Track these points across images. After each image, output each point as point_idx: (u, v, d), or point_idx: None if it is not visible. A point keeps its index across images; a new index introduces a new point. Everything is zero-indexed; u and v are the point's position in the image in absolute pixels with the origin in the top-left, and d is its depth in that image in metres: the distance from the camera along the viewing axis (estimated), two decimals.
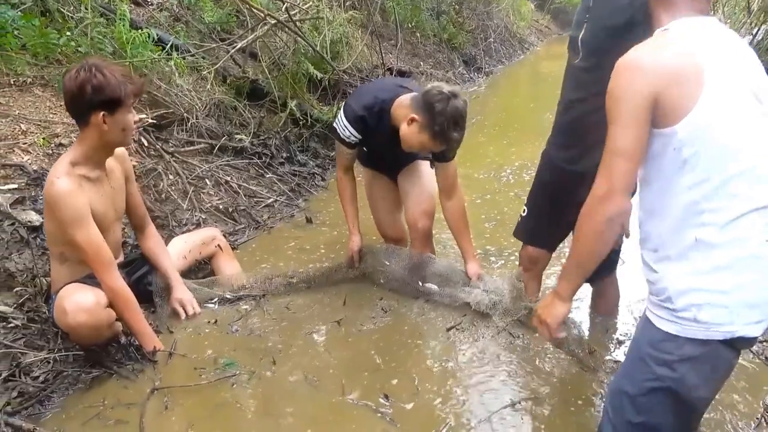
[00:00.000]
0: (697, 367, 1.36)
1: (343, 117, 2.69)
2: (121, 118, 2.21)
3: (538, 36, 14.62)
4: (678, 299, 1.36)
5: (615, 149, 1.37)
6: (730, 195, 1.32)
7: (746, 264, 1.33)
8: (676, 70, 1.30)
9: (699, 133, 1.29)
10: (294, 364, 2.40)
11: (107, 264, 2.25)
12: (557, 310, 1.61)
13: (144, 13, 4.68)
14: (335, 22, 5.15)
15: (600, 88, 2.03)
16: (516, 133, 5.91)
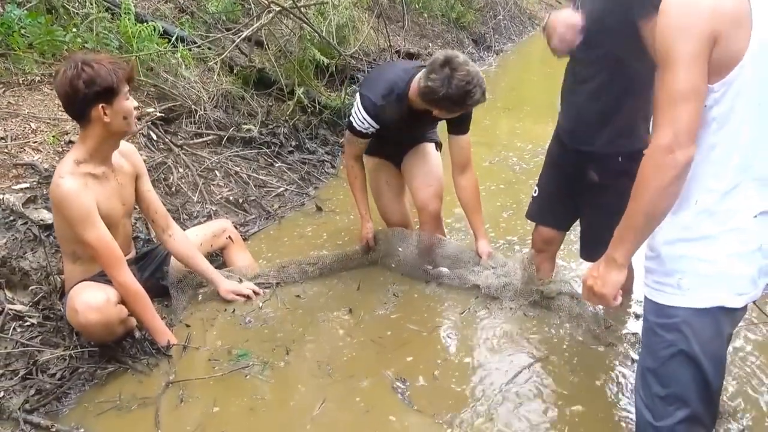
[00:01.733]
0: (700, 326, 1.35)
1: (361, 110, 2.64)
2: (119, 106, 2.19)
3: (548, 11, 14.34)
4: (667, 262, 1.37)
5: (676, 92, 1.23)
6: (739, 164, 1.29)
7: (732, 236, 1.31)
8: (734, 12, 1.21)
9: (732, 95, 1.25)
10: (307, 352, 2.41)
11: (117, 261, 2.26)
12: (614, 278, 1.42)
13: (149, 6, 4.67)
14: (341, 6, 5.10)
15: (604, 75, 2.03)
16: (528, 114, 5.83)
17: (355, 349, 2.44)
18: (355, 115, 2.67)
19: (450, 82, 2.39)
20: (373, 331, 2.54)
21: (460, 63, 2.41)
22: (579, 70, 2.15)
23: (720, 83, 1.24)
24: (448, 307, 2.73)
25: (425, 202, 2.93)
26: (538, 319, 2.58)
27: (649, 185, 1.29)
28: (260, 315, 2.65)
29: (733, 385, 2.17)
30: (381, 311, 2.69)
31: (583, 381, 2.24)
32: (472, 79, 2.41)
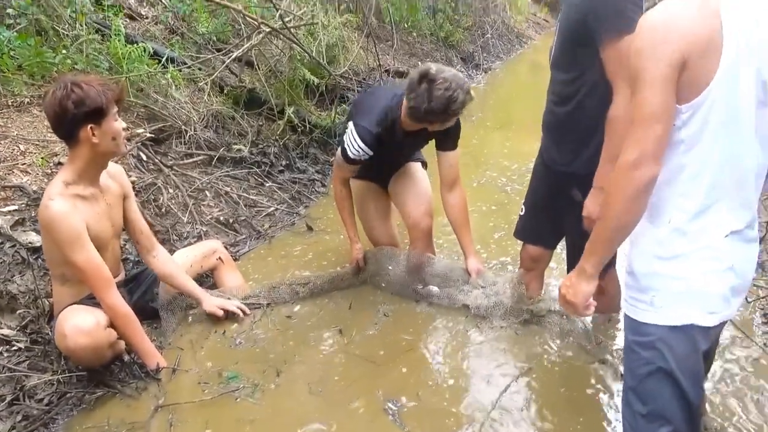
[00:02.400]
0: (675, 343, 1.38)
1: (357, 139, 2.62)
2: (108, 126, 2.19)
3: (535, 29, 14.57)
4: (642, 279, 1.41)
5: (644, 113, 1.28)
6: (709, 184, 1.32)
7: (704, 255, 1.35)
8: (705, 41, 1.24)
9: (701, 118, 1.28)
10: (298, 374, 2.39)
11: (106, 283, 2.25)
12: (583, 288, 1.50)
13: (139, 27, 4.70)
14: (330, 26, 5.16)
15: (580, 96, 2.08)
16: (516, 132, 5.87)
17: (346, 369, 2.43)
18: (350, 143, 2.65)
19: (431, 95, 2.40)
20: (364, 352, 2.53)
21: (435, 73, 2.42)
22: (557, 92, 2.20)
23: (688, 105, 1.28)
24: (438, 326, 2.73)
25: (417, 220, 2.94)
26: (529, 337, 2.59)
27: (615, 200, 1.34)
28: (251, 336, 2.64)
29: (720, 402, 2.18)
30: (372, 331, 2.69)
31: (574, 397, 2.25)
32: (451, 84, 2.41)
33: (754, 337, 2.49)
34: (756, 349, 2.45)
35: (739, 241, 1.37)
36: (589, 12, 1.91)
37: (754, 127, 1.32)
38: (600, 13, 1.89)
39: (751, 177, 1.36)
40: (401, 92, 2.68)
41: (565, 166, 2.22)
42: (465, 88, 2.45)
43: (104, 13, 4.31)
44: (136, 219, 2.57)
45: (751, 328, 2.60)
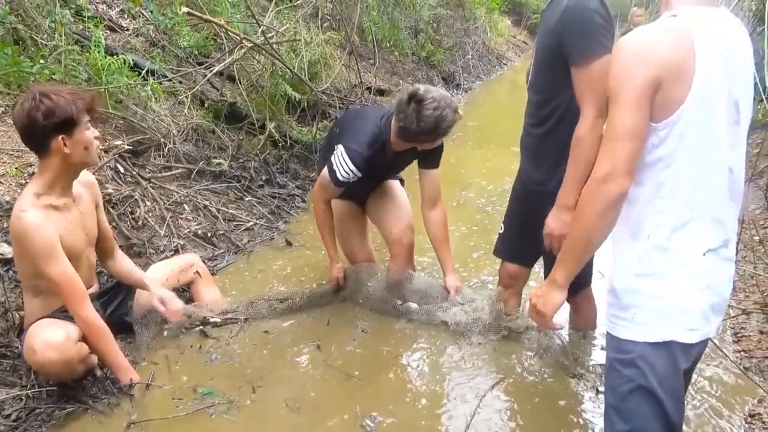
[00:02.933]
0: (656, 360, 1.39)
1: (348, 162, 2.62)
2: (80, 136, 2.15)
3: (515, 51, 14.83)
4: (622, 296, 1.43)
5: (617, 130, 1.33)
6: (686, 203, 1.35)
7: (682, 273, 1.37)
8: (679, 65, 1.29)
9: (676, 136, 1.32)
10: (274, 391, 2.36)
11: (80, 296, 2.20)
12: (554, 299, 1.52)
13: (119, 39, 4.66)
14: (312, 43, 5.18)
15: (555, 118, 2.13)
16: (496, 153, 5.90)
17: (323, 385, 2.41)
18: (339, 166, 2.64)
19: (420, 116, 2.44)
20: (342, 367, 2.52)
21: (423, 94, 2.45)
22: (533, 113, 2.25)
23: (664, 123, 1.32)
24: (417, 342, 2.72)
25: (399, 235, 2.94)
26: (507, 353, 2.60)
27: (585, 213, 1.38)
28: (227, 351, 2.60)
29: (693, 418, 2.20)
30: (350, 347, 2.67)
31: (551, 412, 2.25)
32: (440, 103, 2.45)
33: (726, 358, 2.52)
34: (728, 365, 2.48)
35: (716, 260, 1.40)
36: (562, 35, 1.97)
37: (728, 145, 1.36)
38: (571, 36, 1.95)
39: (726, 195, 1.39)
40: (388, 113, 2.70)
41: (541, 185, 2.26)
42: (453, 107, 2.50)
43: (84, 24, 4.27)
44: (103, 228, 2.55)
45: (723, 347, 2.63)
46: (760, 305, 2.87)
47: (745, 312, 2.85)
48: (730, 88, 1.33)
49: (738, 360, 2.53)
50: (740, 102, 1.36)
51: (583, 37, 1.93)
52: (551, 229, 2.15)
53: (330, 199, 2.88)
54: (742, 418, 2.20)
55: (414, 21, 9.26)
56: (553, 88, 2.10)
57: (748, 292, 3.05)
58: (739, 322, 2.81)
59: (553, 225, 2.14)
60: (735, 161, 1.39)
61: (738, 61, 1.35)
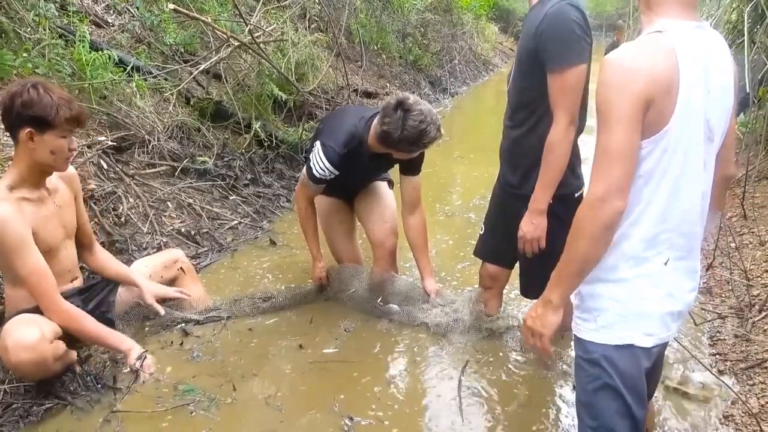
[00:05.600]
0: (619, 360, 1.43)
1: (323, 159, 2.63)
2: (50, 140, 2.13)
3: (502, 58, 14.95)
4: (587, 300, 1.47)
5: (611, 150, 1.31)
6: (659, 216, 1.38)
7: (644, 281, 1.41)
8: (668, 83, 1.30)
9: (659, 153, 1.34)
10: (255, 388, 2.36)
11: (50, 289, 2.18)
12: (550, 319, 1.49)
13: (105, 35, 4.62)
14: (300, 44, 5.18)
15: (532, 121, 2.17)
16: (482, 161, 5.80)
17: (304, 384, 2.42)
18: (315, 163, 2.66)
19: (404, 124, 2.46)
20: (323, 367, 2.52)
21: (411, 104, 2.48)
22: (511, 116, 2.28)
23: (648, 141, 1.34)
24: (399, 343, 2.74)
25: (382, 239, 2.96)
26: (488, 353, 2.62)
27: (582, 234, 1.37)
28: (209, 349, 2.59)
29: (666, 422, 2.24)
30: (332, 346, 2.67)
31: (533, 410, 2.27)
32: (425, 117, 2.48)
33: (702, 360, 2.56)
34: (703, 370, 2.52)
35: (678, 270, 1.44)
36: (540, 41, 2.01)
37: (702, 161, 1.40)
38: (549, 43, 1.99)
39: (697, 209, 1.43)
40: (370, 114, 2.72)
41: (517, 188, 2.30)
42: (437, 124, 2.52)
43: (69, 19, 4.23)
44: (81, 221, 2.53)
45: (699, 350, 2.68)
46: (735, 310, 2.92)
47: (721, 316, 2.90)
48: (706, 106, 1.36)
49: (713, 363, 2.58)
50: (712, 120, 1.38)
51: (560, 45, 1.97)
52: (524, 233, 2.20)
53: (312, 197, 2.88)
54: (716, 419, 2.24)
55: (402, 25, 9.30)
56: (530, 92, 2.14)
57: (724, 297, 3.11)
58: (714, 326, 2.86)
59: (526, 228, 2.18)
60: (706, 179, 1.43)
61: (714, 79, 1.37)
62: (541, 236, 2.18)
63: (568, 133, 2.03)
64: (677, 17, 1.36)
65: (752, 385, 2.36)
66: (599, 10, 20.97)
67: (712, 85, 1.36)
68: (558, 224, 2.03)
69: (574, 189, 2.23)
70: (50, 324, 2.20)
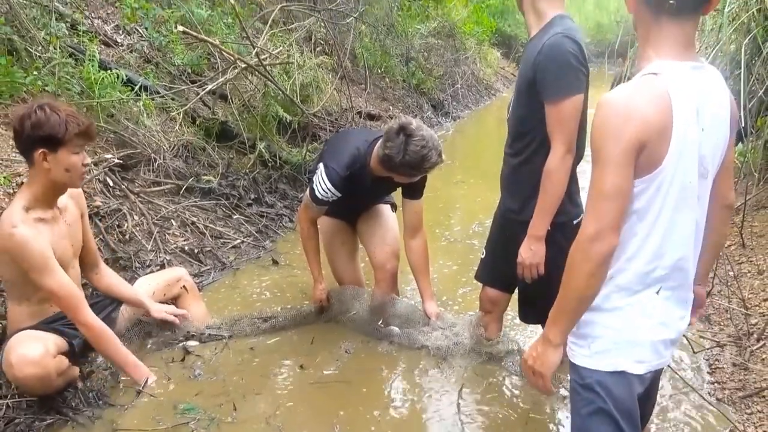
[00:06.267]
0: (613, 386, 1.45)
1: (326, 181, 2.66)
2: (63, 157, 2.17)
3: (504, 83, 15.05)
4: (581, 326, 1.49)
5: (603, 190, 1.35)
6: (654, 252, 1.42)
7: (637, 310, 1.45)
8: (661, 127, 1.33)
9: (653, 191, 1.38)
10: (256, 409, 2.37)
11: (78, 303, 2.23)
12: (550, 358, 1.50)
13: (114, 54, 4.71)
14: (305, 66, 5.26)
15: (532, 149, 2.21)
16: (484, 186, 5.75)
17: (305, 405, 2.42)
18: (318, 184, 2.69)
19: (406, 149, 2.50)
20: (324, 388, 2.53)
21: (414, 129, 2.53)
22: (511, 143, 2.33)
23: (641, 180, 1.37)
24: (399, 365, 2.75)
25: (383, 261, 2.98)
26: (488, 377, 2.63)
27: (576, 272, 1.40)
28: (210, 368, 2.61)
29: None
30: (333, 368, 2.69)
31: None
32: (427, 143, 2.52)
33: (700, 389, 2.57)
34: (700, 397, 2.53)
35: (671, 300, 1.47)
36: (538, 71, 2.06)
37: (696, 196, 1.43)
38: (546, 73, 2.04)
39: (691, 243, 1.47)
40: (373, 137, 2.76)
41: (517, 214, 2.33)
42: (438, 150, 2.56)
43: (79, 38, 4.31)
44: (86, 238, 2.56)
45: (697, 378, 2.69)
46: (733, 338, 2.94)
47: (720, 345, 2.91)
48: (700, 143, 1.39)
49: (712, 391, 2.59)
50: (707, 157, 1.41)
51: (557, 76, 2.03)
52: (522, 258, 2.23)
53: (314, 219, 2.92)
54: None
55: (405, 49, 9.41)
56: (529, 120, 2.18)
57: (722, 325, 3.12)
58: (713, 354, 2.87)
59: (525, 254, 2.22)
60: (701, 212, 1.46)
61: (709, 116, 1.40)
62: (540, 262, 2.22)
63: (565, 161, 2.08)
64: (674, 58, 1.38)
65: (750, 414, 2.37)
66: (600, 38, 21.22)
67: (706, 123, 1.39)
68: (557, 251, 2.06)
69: (573, 216, 2.27)
70: (53, 339, 2.22)
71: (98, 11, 5.07)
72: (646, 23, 1.43)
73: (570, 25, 2.09)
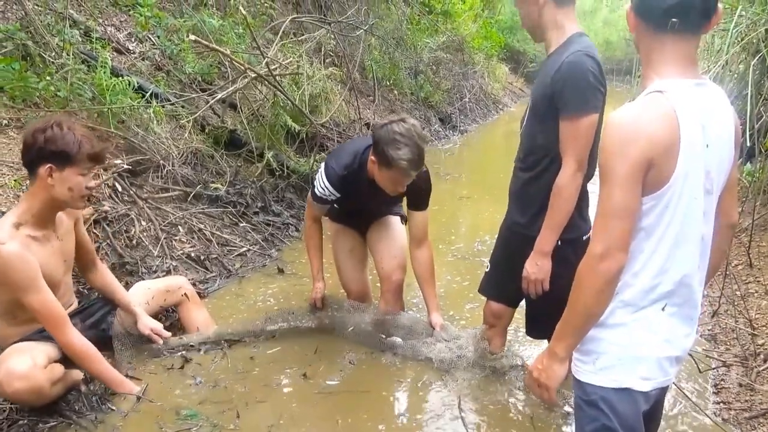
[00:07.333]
0: (617, 402, 1.45)
1: (324, 178, 2.72)
2: (70, 176, 2.16)
3: (511, 98, 15.12)
4: (586, 342, 1.48)
5: (610, 208, 1.36)
6: (660, 268, 1.42)
7: (642, 326, 1.44)
8: (668, 146, 1.34)
9: (660, 209, 1.38)
10: (259, 417, 2.36)
11: (60, 323, 2.20)
12: (556, 372, 1.51)
13: (126, 61, 4.75)
14: (315, 77, 5.29)
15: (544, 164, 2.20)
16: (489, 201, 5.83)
17: (307, 415, 2.41)
18: (318, 182, 2.76)
19: (387, 129, 2.49)
20: (327, 398, 2.52)
21: (405, 118, 2.54)
22: (523, 158, 2.33)
23: (649, 197, 1.37)
24: (403, 377, 2.74)
25: (389, 273, 2.99)
26: (492, 391, 2.61)
27: (584, 289, 1.41)
28: (211, 376, 2.60)
29: None
30: (336, 378, 2.68)
31: None
32: (405, 135, 2.46)
33: (705, 408, 2.55)
34: (706, 417, 2.51)
35: (677, 317, 1.46)
36: (556, 88, 2.07)
37: (702, 212, 1.43)
38: (565, 91, 2.05)
39: (697, 260, 1.46)
40: None
41: (525, 228, 2.32)
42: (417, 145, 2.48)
43: (92, 45, 4.36)
44: (82, 241, 2.54)
45: (703, 398, 2.67)
46: (740, 358, 2.92)
47: (726, 365, 2.89)
48: (705, 160, 1.39)
49: (717, 411, 2.57)
50: (712, 172, 1.41)
51: (575, 93, 2.03)
52: (528, 273, 2.24)
53: (317, 217, 2.96)
54: None
55: (414, 62, 9.47)
56: (543, 136, 2.19)
57: (729, 345, 3.10)
58: (719, 374, 2.85)
59: (531, 269, 2.22)
60: (707, 229, 1.46)
61: (714, 133, 1.40)
62: (545, 278, 2.22)
63: (576, 178, 2.08)
64: (677, 75, 1.39)
65: None
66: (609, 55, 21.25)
67: (711, 139, 1.39)
68: (565, 266, 2.05)
69: (582, 232, 2.27)
70: (43, 349, 2.21)
71: (111, 19, 5.12)
72: (648, 42, 1.43)
73: (589, 43, 2.11)
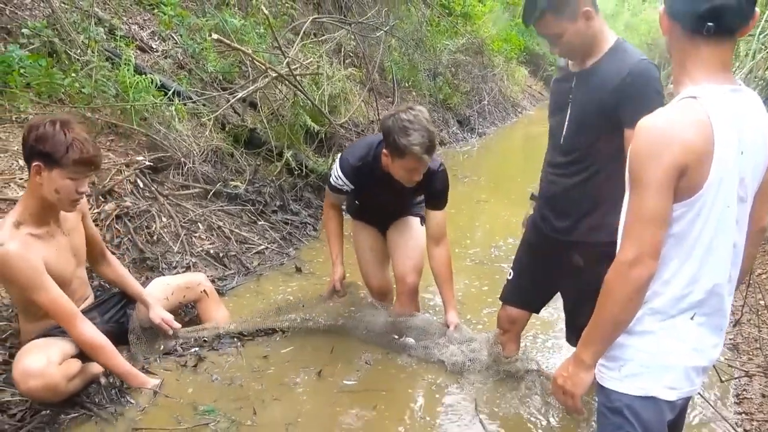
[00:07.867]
0: (642, 410, 1.42)
1: (338, 169, 2.80)
2: (56, 178, 2.13)
3: (530, 101, 15.02)
4: (612, 348, 1.46)
5: (642, 215, 1.33)
6: (692, 277, 1.39)
7: (670, 333, 1.41)
8: (701, 152, 1.31)
9: (692, 216, 1.35)
10: (275, 414, 2.37)
11: (71, 318, 2.20)
12: (582, 379, 1.49)
13: (149, 59, 4.80)
14: (334, 77, 5.31)
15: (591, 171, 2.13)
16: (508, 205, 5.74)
17: (323, 414, 2.42)
18: (333, 171, 2.84)
19: (395, 119, 2.53)
20: (342, 397, 2.52)
21: (414, 108, 2.57)
22: (564, 165, 2.22)
23: (681, 204, 1.34)
24: (419, 378, 2.73)
25: (404, 274, 2.98)
26: (508, 395, 2.59)
27: (613, 296, 1.38)
28: (227, 373, 2.61)
29: None
30: (352, 378, 2.68)
31: None
32: (413, 122, 2.49)
33: (728, 418, 2.52)
34: (728, 428, 2.47)
35: (705, 326, 1.44)
36: (621, 98, 1.97)
37: (735, 220, 1.40)
38: (635, 102, 1.94)
39: (728, 267, 1.43)
40: None
41: (566, 234, 2.24)
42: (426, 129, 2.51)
43: (116, 43, 4.42)
44: (90, 235, 2.54)
45: (725, 408, 2.63)
46: (762, 368, 2.87)
47: (748, 375, 2.85)
48: (739, 167, 1.36)
49: (739, 422, 2.53)
50: (746, 179, 1.39)
51: (644, 103, 1.88)
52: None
53: (334, 204, 3.02)
54: None
55: (434, 64, 9.45)
56: (593, 144, 2.09)
57: (751, 354, 3.05)
58: (741, 384, 2.80)
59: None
60: (739, 237, 1.43)
61: (749, 140, 1.37)
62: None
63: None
64: (712, 81, 1.36)
65: None
66: None
67: (746, 146, 1.36)
68: None
69: None
70: (60, 345, 2.23)
71: (135, 17, 5.18)
72: (682, 46, 1.40)
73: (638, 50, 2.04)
